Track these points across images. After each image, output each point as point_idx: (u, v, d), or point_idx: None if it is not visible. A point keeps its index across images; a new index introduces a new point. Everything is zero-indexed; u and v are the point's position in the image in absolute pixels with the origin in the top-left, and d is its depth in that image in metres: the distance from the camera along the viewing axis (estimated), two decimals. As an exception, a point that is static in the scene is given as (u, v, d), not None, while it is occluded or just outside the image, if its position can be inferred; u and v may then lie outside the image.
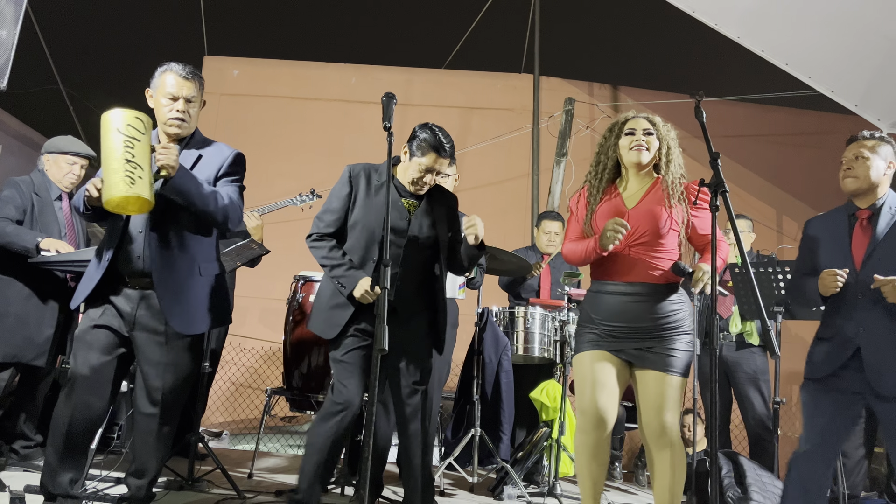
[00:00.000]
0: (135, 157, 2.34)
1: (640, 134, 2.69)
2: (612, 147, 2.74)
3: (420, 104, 7.84)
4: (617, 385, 2.62)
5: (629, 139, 2.70)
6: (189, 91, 2.67)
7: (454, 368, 4.76)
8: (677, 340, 2.59)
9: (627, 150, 2.70)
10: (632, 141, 2.69)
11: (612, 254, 2.64)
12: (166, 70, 2.68)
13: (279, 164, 7.31)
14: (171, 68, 2.67)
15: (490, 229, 6.38)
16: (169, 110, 2.65)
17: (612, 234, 2.50)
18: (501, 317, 4.35)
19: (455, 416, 4.34)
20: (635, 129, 2.70)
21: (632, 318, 2.61)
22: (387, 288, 2.12)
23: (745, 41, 5.65)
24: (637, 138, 2.68)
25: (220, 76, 7.83)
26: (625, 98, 7.95)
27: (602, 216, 2.69)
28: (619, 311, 2.63)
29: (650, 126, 2.70)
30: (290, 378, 3.88)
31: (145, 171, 2.36)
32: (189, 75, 2.68)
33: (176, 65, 2.68)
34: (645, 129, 2.69)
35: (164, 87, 2.65)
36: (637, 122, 2.72)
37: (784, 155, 7.71)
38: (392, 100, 2.49)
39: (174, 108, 2.65)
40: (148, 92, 2.73)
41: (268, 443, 5.64)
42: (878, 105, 5.71)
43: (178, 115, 2.66)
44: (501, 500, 3.75)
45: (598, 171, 2.76)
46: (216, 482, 3.49)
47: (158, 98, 2.67)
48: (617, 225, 2.50)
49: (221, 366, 5.94)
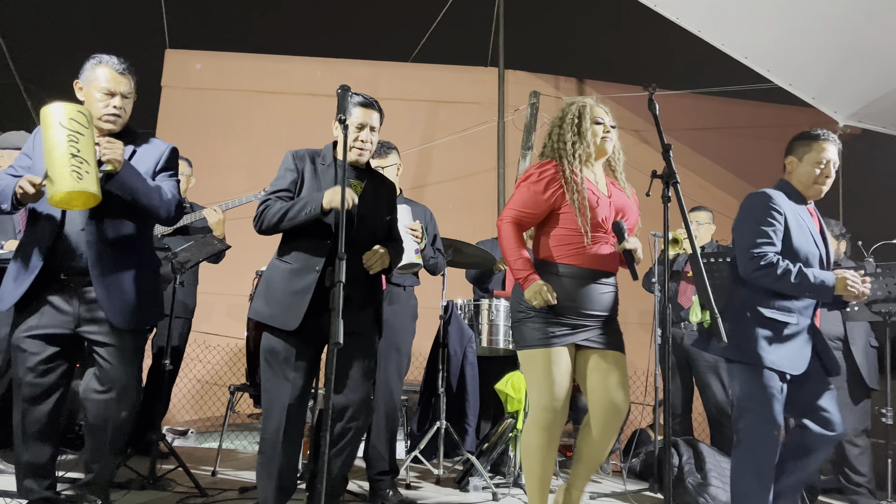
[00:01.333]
0: (80, 152, 2.30)
1: (607, 125, 2.73)
2: (588, 131, 2.69)
3: (387, 98, 7.75)
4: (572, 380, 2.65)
5: (600, 127, 2.71)
6: (125, 87, 2.64)
7: (420, 361, 4.78)
8: (617, 322, 2.74)
9: (599, 141, 2.71)
10: (600, 130, 2.71)
11: (599, 241, 2.63)
12: (99, 63, 2.62)
13: (243, 158, 7.24)
14: (105, 62, 2.62)
15: (457, 223, 6.41)
16: (105, 106, 2.61)
17: (538, 302, 2.53)
18: (466, 309, 4.37)
19: (420, 410, 4.35)
20: (603, 119, 2.73)
21: (601, 305, 2.65)
22: (341, 282, 2.11)
23: (706, 35, 5.72)
24: (607, 128, 2.72)
25: (182, 70, 7.71)
26: (590, 91, 8.01)
27: (599, 202, 2.63)
28: (592, 297, 2.62)
29: (610, 118, 2.76)
30: (254, 375, 3.85)
31: (91, 165, 2.32)
32: (125, 70, 2.64)
33: (110, 58, 2.64)
34: (610, 121, 2.75)
35: (98, 81, 2.60)
36: (601, 110, 2.75)
37: (745, 147, 7.85)
38: (347, 92, 2.47)
39: (111, 104, 2.61)
40: (77, 84, 2.67)
41: (234, 440, 5.59)
42: (834, 98, 5.83)
43: (116, 112, 2.62)
44: (467, 492, 3.77)
45: (581, 156, 2.66)
46: (179, 481, 3.46)
47: (91, 92, 2.62)
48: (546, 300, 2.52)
49: (186, 363, 5.88)
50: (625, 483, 4.20)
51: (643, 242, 2.77)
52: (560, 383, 2.56)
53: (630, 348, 2.76)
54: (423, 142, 7.54)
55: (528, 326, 2.62)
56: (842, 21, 4.95)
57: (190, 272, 4.27)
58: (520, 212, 2.66)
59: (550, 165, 2.67)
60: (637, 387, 5.87)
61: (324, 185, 2.73)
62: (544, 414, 2.56)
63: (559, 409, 2.55)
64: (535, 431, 2.59)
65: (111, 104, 2.60)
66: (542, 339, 2.58)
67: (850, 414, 4.15)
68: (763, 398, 2.60)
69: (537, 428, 2.58)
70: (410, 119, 7.58)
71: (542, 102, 7.49)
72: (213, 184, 6.19)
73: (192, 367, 6.31)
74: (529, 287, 2.55)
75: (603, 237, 2.64)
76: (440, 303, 4.17)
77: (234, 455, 4.74)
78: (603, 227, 2.63)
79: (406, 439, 4.42)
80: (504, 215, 2.69)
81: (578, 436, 2.77)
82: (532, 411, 2.62)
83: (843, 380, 4.17)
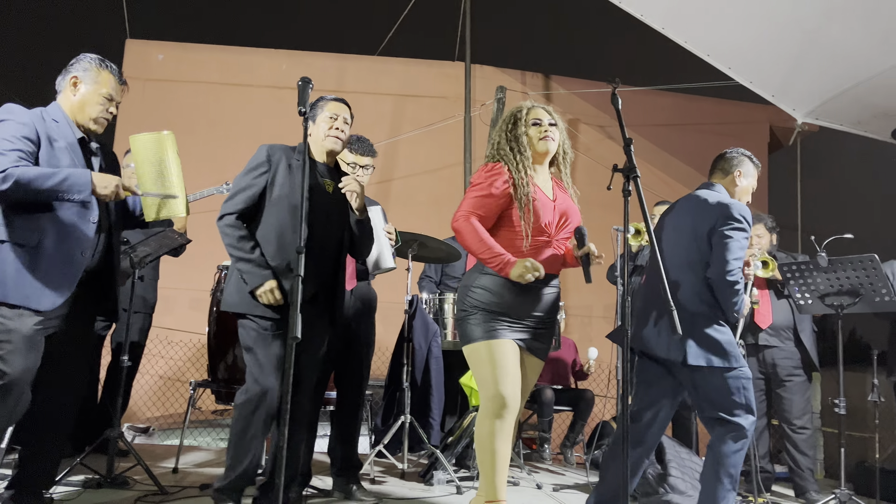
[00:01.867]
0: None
1: (545, 125, 2.73)
2: (523, 135, 2.71)
3: (353, 91, 7.74)
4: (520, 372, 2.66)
5: (538, 129, 2.72)
6: (120, 97, 2.77)
7: (385, 356, 4.77)
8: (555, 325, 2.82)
9: (538, 141, 2.71)
10: (540, 131, 2.71)
11: (540, 247, 2.65)
12: (105, 67, 2.72)
13: (207, 151, 7.12)
14: (110, 68, 2.73)
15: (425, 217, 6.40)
16: (104, 110, 2.71)
17: (531, 275, 2.50)
18: (431, 304, 4.37)
19: (385, 404, 4.35)
20: (541, 120, 2.73)
21: (541, 309, 2.69)
22: (300, 276, 2.10)
23: (669, 32, 5.80)
24: (545, 128, 2.72)
25: (143, 60, 7.56)
26: (556, 87, 8.06)
27: (543, 206, 2.65)
28: (531, 301, 2.65)
29: (552, 118, 2.76)
30: (216, 370, 3.81)
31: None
32: (123, 81, 2.79)
33: (112, 65, 2.75)
34: (549, 119, 2.75)
35: (104, 85, 2.70)
36: (540, 111, 2.75)
37: (707, 143, 7.94)
38: (308, 84, 2.45)
39: (108, 110, 2.73)
40: (74, 78, 2.68)
41: (197, 437, 5.53)
42: (793, 95, 5.97)
43: (109, 117, 2.74)
44: (431, 486, 3.78)
45: (522, 156, 2.68)
46: (139, 479, 3.40)
47: (96, 92, 2.68)
48: (536, 268, 2.51)
49: (148, 359, 5.79)
50: (588, 475, 4.25)
51: (605, 236, 2.81)
52: (505, 371, 2.57)
53: (595, 342, 2.80)
54: (389, 136, 7.50)
55: (470, 323, 2.63)
56: (801, 20, 5.06)
57: (150, 267, 4.19)
58: (472, 213, 2.63)
59: (499, 168, 2.67)
60: (601, 380, 5.94)
61: (296, 181, 2.75)
62: (492, 403, 2.56)
63: (507, 397, 2.55)
64: (485, 420, 2.59)
65: (109, 109, 2.73)
66: (484, 333, 2.60)
67: (801, 399, 4.28)
68: None
69: (487, 417, 2.58)
70: (377, 113, 7.55)
71: (509, 97, 7.51)
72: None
73: (154, 363, 6.21)
74: (514, 269, 2.51)
75: (545, 241, 2.67)
76: (405, 297, 4.16)
77: (196, 451, 4.68)
78: (546, 231, 2.66)
79: (370, 434, 4.41)
80: (457, 216, 2.65)
81: None
82: (482, 402, 2.62)
83: (800, 368, 4.29)
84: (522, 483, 4.07)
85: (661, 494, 3.55)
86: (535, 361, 2.75)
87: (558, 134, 2.75)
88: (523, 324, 2.66)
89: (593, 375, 5.31)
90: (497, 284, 2.61)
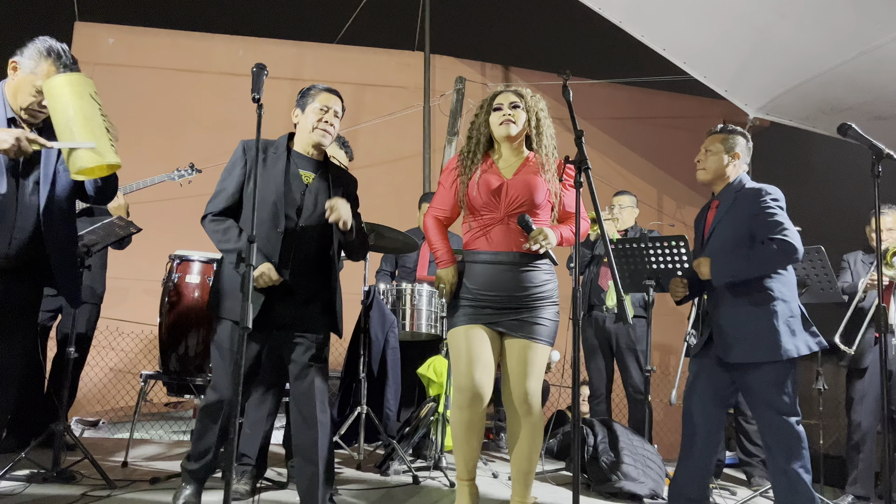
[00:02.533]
0: (109, 128, 2.36)
1: (506, 108, 2.74)
2: (483, 124, 2.78)
3: (311, 79, 7.59)
4: (492, 359, 2.66)
5: (497, 114, 2.75)
6: None
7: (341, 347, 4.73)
8: (546, 310, 2.68)
9: (497, 126, 2.74)
10: (499, 116, 2.74)
11: (489, 224, 2.69)
12: (48, 58, 2.50)
13: (159, 139, 6.96)
14: (54, 60, 2.51)
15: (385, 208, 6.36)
16: (35, 102, 2.51)
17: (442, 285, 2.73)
18: (388, 294, 4.36)
19: (341, 395, 4.32)
20: (503, 104, 2.75)
21: (506, 288, 2.65)
22: (251, 265, 2.07)
23: (626, 26, 5.85)
24: (504, 113, 2.73)
25: (92, 44, 7.33)
26: (516, 79, 8.08)
27: (480, 186, 2.70)
28: (493, 280, 2.66)
29: (517, 99, 2.75)
30: (167, 362, 3.74)
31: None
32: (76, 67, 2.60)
33: (63, 57, 2.54)
34: (511, 102, 2.74)
35: (40, 76, 2.49)
36: (504, 96, 2.77)
37: (663, 137, 8.10)
38: (263, 71, 2.41)
39: (41, 103, 2.51)
40: (14, 62, 2.53)
41: (149, 430, 5.42)
42: (745, 90, 6.09)
43: (43, 111, 2.56)
44: (388, 476, 3.77)
45: (472, 147, 2.78)
46: (87, 473, 3.32)
47: (29, 82, 2.47)
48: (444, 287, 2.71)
49: (97, 351, 5.64)
50: (542, 463, 4.29)
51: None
52: (471, 362, 2.58)
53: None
54: (348, 125, 7.41)
55: (451, 309, 2.75)
56: (753, 16, 5.16)
57: (98, 256, 4.07)
58: (434, 208, 2.83)
59: (454, 160, 2.81)
60: (557, 369, 6.00)
61: (272, 176, 2.70)
62: (459, 393, 2.62)
63: (474, 388, 2.57)
64: (453, 411, 2.65)
65: (42, 103, 2.49)
66: (457, 318, 2.69)
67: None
68: None
69: (455, 407, 2.65)
70: (335, 102, 7.45)
71: (469, 88, 7.51)
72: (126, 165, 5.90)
73: (104, 355, 6.06)
74: (439, 271, 2.73)
75: (496, 218, 2.69)
76: (362, 288, 4.14)
77: (147, 444, 4.58)
78: (490, 208, 2.68)
79: (327, 425, 4.38)
80: (426, 212, 2.86)
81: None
82: (452, 391, 2.68)
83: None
84: (479, 472, 4.08)
85: (614, 481, 3.61)
86: (518, 342, 2.64)
87: (522, 115, 2.74)
88: (500, 307, 2.64)
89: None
90: (465, 267, 2.73)
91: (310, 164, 2.80)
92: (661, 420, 6.88)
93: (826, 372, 4.15)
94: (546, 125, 2.76)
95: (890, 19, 4.48)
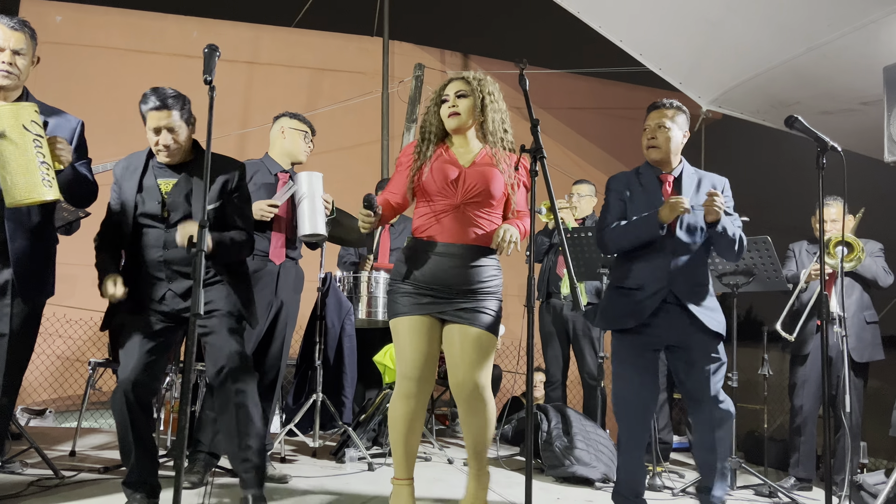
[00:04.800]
0: (45, 158, 2.34)
1: (452, 99, 2.67)
2: (434, 114, 2.72)
3: (268, 63, 7.52)
4: (437, 350, 2.63)
5: (444, 107, 2.69)
6: (17, 43, 2.53)
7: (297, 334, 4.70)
8: (490, 301, 2.63)
9: (446, 119, 2.69)
10: (446, 108, 2.68)
11: (443, 210, 2.62)
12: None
13: (109, 121, 6.74)
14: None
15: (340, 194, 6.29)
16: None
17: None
18: (345, 282, 4.34)
19: (296, 383, 4.29)
20: (448, 95, 2.69)
21: (453, 282, 2.58)
22: (203, 250, 2.04)
23: (585, 16, 5.89)
24: (450, 104, 2.67)
25: (39, 22, 6.96)
26: (475, 67, 8.08)
27: (436, 173, 2.63)
28: (441, 272, 2.58)
29: (464, 87, 2.68)
30: (117, 350, 3.65)
31: (52, 169, 2.38)
32: (17, 26, 2.54)
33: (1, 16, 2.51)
34: (458, 91, 2.67)
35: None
36: (452, 85, 2.70)
37: (619, 128, 8.20)
38: (215, 52, 2.36)
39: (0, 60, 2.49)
40: None
41: (98, 419, 5.30)
42: (699, 83, 6.20)
43: (4, 68, 2.49)
44: (343, 463, 3.78)
45: (425, 137, 2.73)
46: (32, 462, 3.24)
47: None
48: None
49: (45, 339, 5.49)
50: (497, 449, 4.35)
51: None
52: (415, 351, 2.56)
53: (509, 320, 2.82)
54: (305, 110, 7.29)
55: (392, 297, 2.68)
56: (706, 11, 5.25)
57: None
58: (387, 192, 2.72)
59: (410, 146, 2.76)
60: (512, 356, 6.07)
61: (128, 189, 2.81)
62: (402, 382, 2.58)
63: (417, 378, 2.55)
64: (396, 401, 2.60)
65: (1, 59, 2.48)
66: (400, 307, 2.62)
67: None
68: None
69: (397, 397, 2.60)
70: (292, 86, 7.35)
71: (427, 75, 7.47)
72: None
73: (51, 342, 5.90)
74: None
75: (450, 206, 2.61)
76: (318, 275, 4.11)
77: (97, 433, 4.49)
78: (442, 196, 2.61)
79: (281, 413, 4.35)
80: (379, 194, 2.78)
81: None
82: (396, 381, 2.64)
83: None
84: (434, 458, 4.12)
85: (567, 466, 3.68)
86: (464, 329, 2.57)
87: (466, 103, 2.66)
88: (444, 296, 2.58)
89: (503, 351, 5.41)
90: (412, 255, 2.65)
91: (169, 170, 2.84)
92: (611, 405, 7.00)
93: (772, 358, 4.29)
94: (493, 109, 2.67)
95: (837, 16, 4.60)
